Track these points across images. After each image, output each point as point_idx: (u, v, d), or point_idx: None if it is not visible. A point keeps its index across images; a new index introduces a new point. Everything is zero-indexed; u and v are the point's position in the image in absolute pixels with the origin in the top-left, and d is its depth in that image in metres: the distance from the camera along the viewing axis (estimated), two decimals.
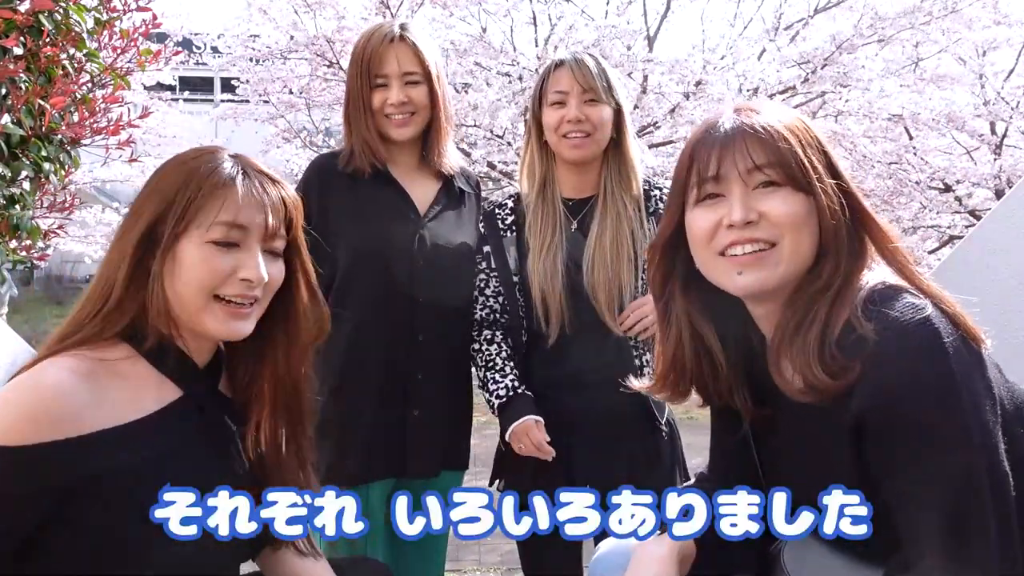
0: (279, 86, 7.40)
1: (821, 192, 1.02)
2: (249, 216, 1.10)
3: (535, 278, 1.77)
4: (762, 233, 1.03)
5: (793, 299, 1.05)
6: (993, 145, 9.56)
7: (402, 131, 1.83)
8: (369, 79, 1.80)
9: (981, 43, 8.14)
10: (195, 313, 1.09)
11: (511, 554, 3.19)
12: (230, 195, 1.09)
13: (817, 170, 1.04)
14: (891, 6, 6.34)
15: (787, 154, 1.02)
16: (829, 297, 1.02)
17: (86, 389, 1.01)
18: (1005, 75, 8.90)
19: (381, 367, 1.80)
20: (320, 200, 1.82)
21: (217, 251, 1.09)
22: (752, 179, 1.04)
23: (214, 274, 1.08)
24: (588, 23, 6.58)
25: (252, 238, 1.11)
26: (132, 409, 1.05)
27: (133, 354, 1.09)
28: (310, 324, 1.22)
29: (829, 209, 1.02)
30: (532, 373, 1.81)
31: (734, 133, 1.05)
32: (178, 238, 1.08)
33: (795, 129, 1.05)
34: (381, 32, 1.82)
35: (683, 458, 1.87)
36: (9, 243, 2.21)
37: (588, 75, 1.74)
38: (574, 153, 1.77)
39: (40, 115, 2.03)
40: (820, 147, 1.07)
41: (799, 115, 1.11)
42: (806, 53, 6.47)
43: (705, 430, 1.35)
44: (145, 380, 1.09)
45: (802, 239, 1.03)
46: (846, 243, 1.03)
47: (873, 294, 1.00)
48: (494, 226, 1.87)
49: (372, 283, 1.79)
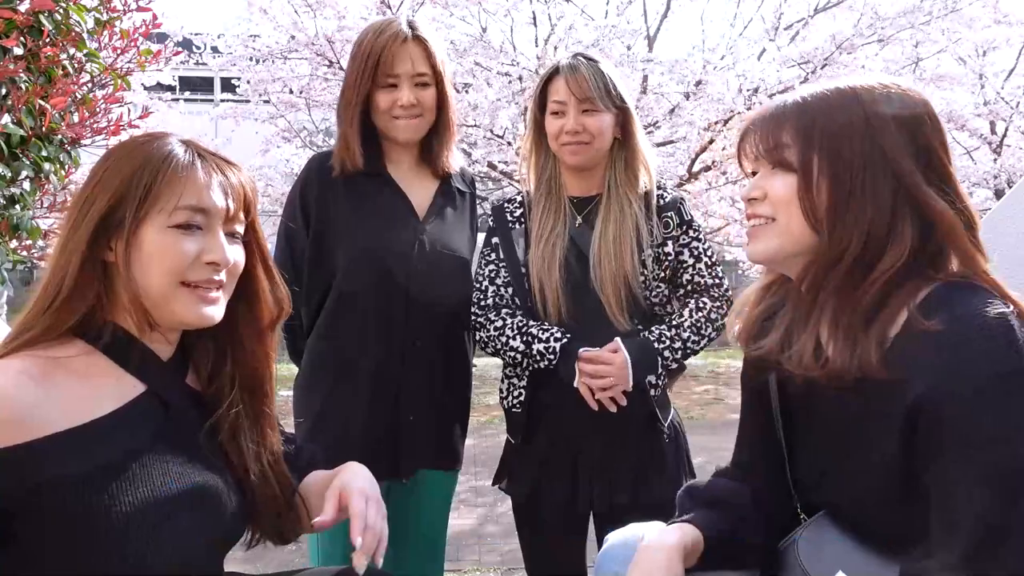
0: (279, 86, 7.40)
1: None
2: (211, 199, 1.08)
3: (532, 268, 1.78)
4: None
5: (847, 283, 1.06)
6: (993, 145, 9.56)
7: (408, 133, 1.81)
8: (375, 78, 1.76)
9: (981, 43, 8.15)
10: (163, 300, 1.07)
11: (511, 554, 3.19)
12: (191, 179, 1.07)
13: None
14: (891, 6, 6.35)
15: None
16: (891, 284, 1.02)
17: (35, 390, 0.98)
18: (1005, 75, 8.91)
19: (378, 372, 1.78)
20: (319, 201, 1.80)
21: (181, 235, 1.06)
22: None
23: (180, 259, 1.06)
24: (588, 23, 6.59)
25: (215, 221, 1.09)
26: (90, 408, 1.02)
27: (90, 350, 1.06)
28: (271, 305, 1.20)
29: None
30: (537, 370, 1.81)
31: None
32: (139, 225, 1.05)
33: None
34: (392, 30, 1.76)
35: (689, 459, 1.87)
36: (9, 243, 2.20)
37: (584, 85, 1.73)
38: (574, 160, 1.79)
39: (40, 115, 2.02)
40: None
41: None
42: (806, 53, 6.48)
43: (705, 430, 1.36)
44: (104, 377, 1.06)
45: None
46: (911, 233, 1.03)
47: (945, 288, 1.00)
48: (503, 219, 1.87)
49: (371, 287, 1.77)
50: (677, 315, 1.83)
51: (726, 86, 6.15)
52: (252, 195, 1.16)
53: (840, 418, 1.09)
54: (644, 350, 1.72)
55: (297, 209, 1.82)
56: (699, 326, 1.78)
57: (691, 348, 1.77)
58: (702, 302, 1.80)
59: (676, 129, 6.56)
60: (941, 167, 1.05)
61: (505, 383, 1.86)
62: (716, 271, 1.83)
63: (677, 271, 1.82)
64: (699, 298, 1.81)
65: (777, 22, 7.10)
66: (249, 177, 1.17)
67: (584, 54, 1.81)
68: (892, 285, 1.02)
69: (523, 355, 1.75)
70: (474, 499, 4.11)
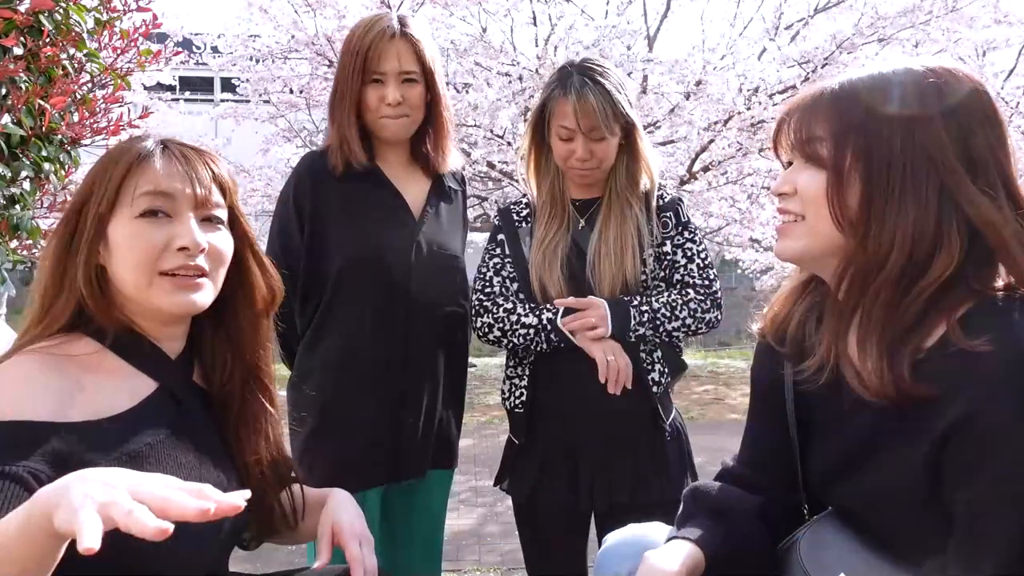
0: (279, 86, 7.40)
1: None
2: (171, 184, 1.08)
3: (533, 267, 1.79)
4: None
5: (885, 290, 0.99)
6: None
7: (394, 131, 1.80)
8: (364, 74, 1.75)
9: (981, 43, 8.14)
10: (142, 292, 1.07)
11: (511, 554, 3.19)
12: (148, 167, 1.08)
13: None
14: (892, 5, 6.34)
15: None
16: (936, 296, 0.95)
17: (60, 380, 0.99)
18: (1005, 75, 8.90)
19: (378, 375, 1.77)
20: (313, 201, 1.79)
21: (147, 224, 1.06)
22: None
23: (149, 247, 1.06)
24: (588, 23, 6.58)
25: (181, 206, 1.08)
26: (108, 404, 1.03)
27: (99, 348, 1.07)
28: (263, 292, 1.20)
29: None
30: (537, 369, 1.81)
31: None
32: (104, 222, 1.07)
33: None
34: (380, 26, 1.75)
35: (691, 460, 1.87)
36: (9, 243, 2.21)
37: (591, 116, 1.70)
38: (583, 182, 1.81)
39: (40, 115, 2.02)
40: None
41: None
42: (807, 52, 6.47)
43: (705, 430, 1.36)
44: (116, 374, 1.07)
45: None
46: (959, 242, 0.95)
47: (991, 304, 0.94)
48: (509, 219, 1.88)
49: (367, 288, 1.77)
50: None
51: (726, 86, 6.14)
52: (228, 180, 1.15)
53: (864, 424, 1.04)
54: (616, 302, 1.74)
55: (290, 208, 1.81)
56: (674, 305, 1.77)
57: (661, 322, 1.76)
58: (685, 292, 1.81)
59: (676, 129, 6.55)
60: (997, 166, 0.96)
61: (507, 384, 1.87)
62: (708, 273, 1.83)
63: (670, 270, 1.82)
64: (684, 289, 1.81)
65: (777, 21, 7.10)
66: (226, 165, 1.17)
67: (590, 71, 1.75)
68: (936, 296, 0.95)
69: (534, 329, 1.75)
70: (474, 499, 4.11)
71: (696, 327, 1.79)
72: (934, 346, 0.95)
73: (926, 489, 0.95)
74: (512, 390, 1.85)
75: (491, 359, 9.24)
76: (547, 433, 1.81)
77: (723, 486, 1.24)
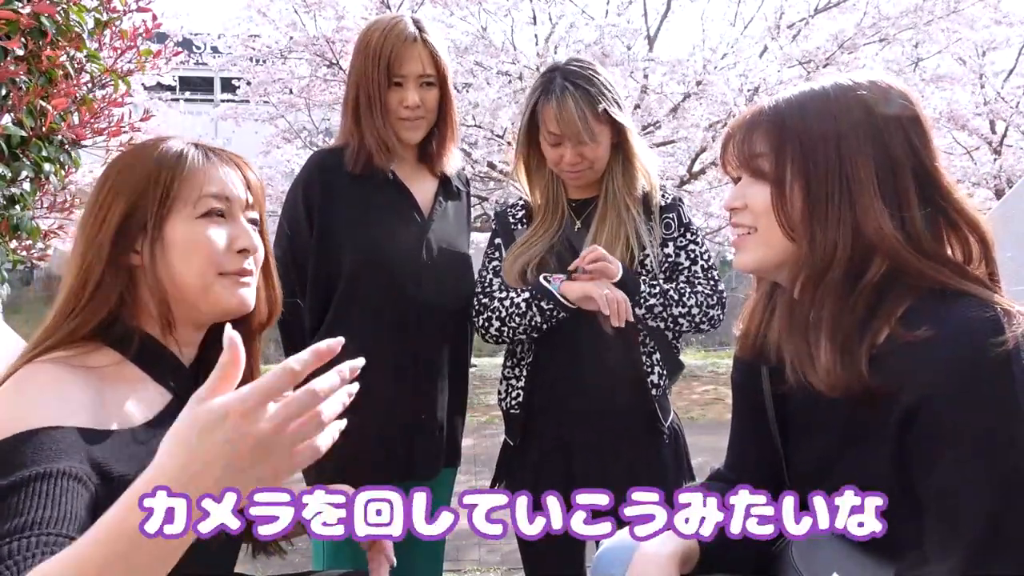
0: (279, 86, 7.42)
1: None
2: (231, 188, 1.10)
3: (529, 268, 1.79)
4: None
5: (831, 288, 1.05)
6: (993, 145, 9.56)
7: (412, 133, 1.81)
8: (388, 77, 1.76)
9: (981, 43, 8.15)
10: (204, 291, 1.07)
11: (511, 554, 3.19)
12: (210, 170, 1.09)
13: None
14: (893, 6, 6.35)
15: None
16: (879, 292, 1.01)
17: (84, 393, 0.98)
18: (1005, 75, 8.91)
19: (389, 375, 1.77)
20: (323, 199, 1.80)
21: (210, 223, 1.07)
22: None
23: (213, 246, 1.07)
24: (588, 22, 6.59)
25: (236, 210, 1.10)
26: (128, 417, 1.03)
27: (120, 359, 1.06)
28: (262, 306, 1.19)
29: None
30: (534, 369, 1.81)
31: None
32: (164, 222, 1.06)
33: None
34: (399, 29, 1.76)
35: (688, 462, 1.87)
36: (9, 243, 2.21)
37: (572, 123, 1.70)
38: (578, 182, 1.82)
39: (41, 116, 2.03)
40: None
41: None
42: (808, 52, 6.47)
43: (705, 430, 1.36)
44: (135, 385, 1.07)
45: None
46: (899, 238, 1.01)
47: (930, 295, 0.99)
48: (506, 222, 1.89)
49: (378, 288, 1.77)
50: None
51: (727, 86, 6.15)
52: (260, 189, 1.17)
53: (837, 424, 1.08)
54: (627, 270, 1.74)
55: (300, 206, 1.82)
56: (682, 292, 1.77)
57: (669, 304, 1.75)
58: (694, 285, 1.80)
59: (677, 129, 6.56)
60: (917, 166, 1.02)
61: (504, 384, 1.87)
62: (711, 274, 1.83)
63: (674, 272, 1.82)
64: (693, 284, 1.81)
65: (779, 21, 7.10)
66: (256, 173, 1.19)
67: (573, 74, 1.74)
68: (879, 293, 1.01)
69: (526, 303, 1.74)
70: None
71: (700, 320, 1.79)
72: (884, 342, 1.00)
73: (897, 483, 0.98)
74: (508, 391, 1.85)
75: (491, 359, 9.25)
76: (543, 434, 1.81)
77: (714, 485, 1.26)
